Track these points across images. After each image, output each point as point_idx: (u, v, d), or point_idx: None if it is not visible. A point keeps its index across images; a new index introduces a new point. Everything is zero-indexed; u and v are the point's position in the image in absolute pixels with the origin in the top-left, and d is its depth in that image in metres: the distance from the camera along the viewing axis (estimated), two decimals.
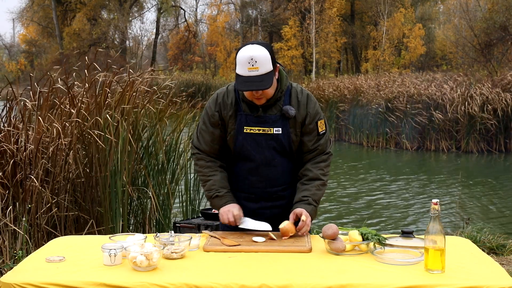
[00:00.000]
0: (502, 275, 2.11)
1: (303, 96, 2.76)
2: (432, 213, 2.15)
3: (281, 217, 2.73)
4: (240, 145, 2.75)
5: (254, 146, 2.73)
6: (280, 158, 2.75)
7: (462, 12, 23.89)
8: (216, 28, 40.64)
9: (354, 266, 2.22)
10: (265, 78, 2.57)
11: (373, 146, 16.09)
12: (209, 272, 2.19)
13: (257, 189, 2.79)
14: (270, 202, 2.81)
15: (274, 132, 2.72)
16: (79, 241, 2.71)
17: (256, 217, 2.76)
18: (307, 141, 2.77)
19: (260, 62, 2.55)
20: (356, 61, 36.26)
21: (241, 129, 2.73)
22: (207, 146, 2.81)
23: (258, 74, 2.55)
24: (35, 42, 41.88)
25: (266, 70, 2.57)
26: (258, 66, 2.55)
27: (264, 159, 2.74)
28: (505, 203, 9.16)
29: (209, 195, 2.80)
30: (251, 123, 2.72)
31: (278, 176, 2.78)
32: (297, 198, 2.74)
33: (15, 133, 4.48)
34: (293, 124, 2.73)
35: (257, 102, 2.68)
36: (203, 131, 2.82)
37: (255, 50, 2.56)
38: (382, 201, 9.41)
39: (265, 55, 2.57)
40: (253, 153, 2.74)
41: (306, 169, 2.78)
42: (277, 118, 2.71)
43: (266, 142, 2.73)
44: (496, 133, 14.21)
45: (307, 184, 2.75)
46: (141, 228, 5.15)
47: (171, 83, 6.08)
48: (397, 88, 16.17)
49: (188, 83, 25.96)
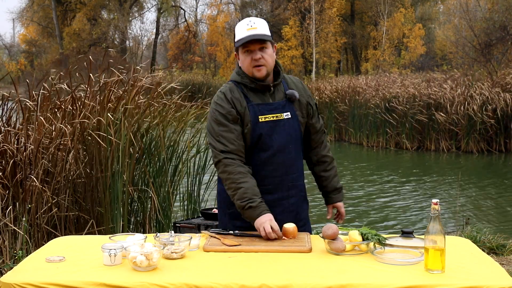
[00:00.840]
0: (502, 275, 2.11)
1: (298, 81, 2.94)
2: (432, 213, 2.15)
3: (298, 206, 2.83)
4: (258, 135, 2.75)
5: (271, 133, 2.77)
6: (293, 144, 2.82)
7: (462, 12, 23.87)
8: (216, 28, 40.63)
9: (354, 266, 2.22)
10: (264, 36, 2.70)
11: (373, 146, 16.08)
12: (209, 272, 2.19)
13: (273, 178, 2.79)
14: (286, 191, 2.82)
15: (284, 117, 2.79)
16: (79, 241, 2.71)
17: (274, 209, 2.69)
18: (315, 122, 2.94)
19: (258, 24, 2.71)
20: (356, 61, 36.25)
21: (256, 119, 2.75)
22: (233, 145, 2.69)
23: (257, 32, 2.69)
24: (35, 42, 41.88)
25: (264, 31, 2.71)
26: (257, 27, 2.69)
27: (280, 145, 2.78)
28: (505, 203, 9.16)
29: (242, 205, 2.64)
30: (264, 111, 2.77)
31: (291, 163, 2.83)
32: (332, 187, 2.99)
33: (15, 133, 4.48)
34: (299, 107, 2.84)
35: (257, 73, 2.73)
36: (224, 132, 2.70)
37: (254, 18, 2.73)
38: (382, 201, 9.41)
39: (264, 22, 2.73)
40: (269, 140, 2.77)
41: (322, 156, 2.99)
42: (284, 103, 2.81)
43: (280, 128, 2.78)
44: (496, 133, 14.21)
45: (330, 170, 3.00)
46: (141, 228, 5.15)
47: (176, 84, 6.07)
48: (397, 88, 16.17)
49: (188, 83, 25.98)
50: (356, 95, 17.02)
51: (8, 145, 4.33)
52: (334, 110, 17.63)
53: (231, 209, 2.80)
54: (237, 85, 2.79)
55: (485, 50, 19.38)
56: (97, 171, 4.64)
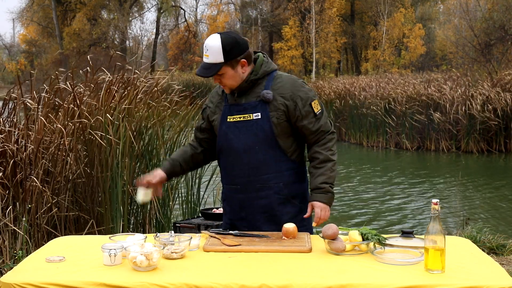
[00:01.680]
0: (502, 275, 2.11)
1: (289, 80, 2.81)
2: (432, 213, 2.15)
3: (270, 208, 2.79)
4: (223, 134, 2.82)
5: (236, 133, 2.79)
6: (261, 145, 2.76)
7: (462, 12, 23.88)
8: (216, 28, 40.59)
9: (354, 266, 2.22)
10: (212, 66, 2.71)
11: (373, 146, 16.08)
12: (209, 272, 2.19)
13: (241, 179, 2.81)
14: (255, 192, 2.80)
15: (253, 117, 2.76)
16: (79, 241, 2.71)
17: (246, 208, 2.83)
18: (307, 124, 2.79)
19: (211, 51, 2.68)
20: (356, 61, 36.25)
21: (224, 118, 2.82)
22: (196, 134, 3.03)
23: (207, 61, 2.72)
24: (35, 42, 41.86)
25: (215, 60, 2.69)
26: (209, 54, 2.70)
27: (244, 145, 2.77)
28: (505, 203, 9.16)
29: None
30: (233, 112, 2.81)
31: (259, 165, 2.78)
32: (314, 185, 2.78)
33: (15, 133, 4.48)
34: (274, 108, 2.75)
35: (225, 89, 2.83)
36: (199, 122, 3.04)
37: (211, 39, 2.69)
38: (381, 201, 9.41)
39: (217, 46, 2.67)
40: (235, 141, 2.79)
41: (315, 152, 2.81)
42: (256, 104, 2.77)
43: (246, 129, 2.77)
44: (496, 133, 14.21)
45: (320, 168, 2.78)
46: (141, 228, 5.15)
47: (174, 83, 6.08)
48: (397, 88, 16.17)
49: (188, 83, 25.98)
50: (356, 95, 17.02)
51: (9, 145, 4.32)
52: (333, 110, 17.62)
53: (222, 204, 3.01)
54: None
55: (485, 50, 19.38)
56: (97, 171, 4.64)
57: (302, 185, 2.90)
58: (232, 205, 2.90)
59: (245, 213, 2.83)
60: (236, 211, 2.88)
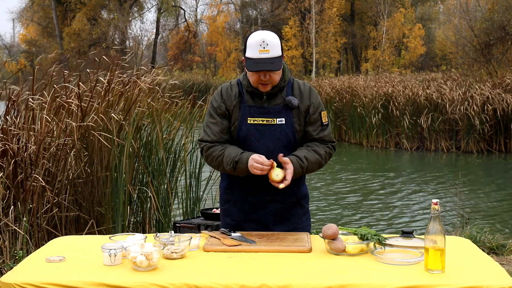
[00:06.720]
0: (502, 275, 2.11)
1: (306, 88, 2.84)
2: (432, 213, 2.15)
3: (283, 211, 2.80)
4: (244, 136, 2.77)
5: (258, 137, 2.76)
6: (283, 150, 2.75)
7: (462, 12, 23.86)
8: (216, 28, 40.61)
9: (354, 266, 2.23)
10: (276, 60, 2.65)
11: (373, 146, 16.08)
12: (209, 272, 2.19)
13: (259, 181, 2.76)
14: (270, 196, 2.80)
15: (277, 122, 2.76)
16: (79, 241, 2.71)
17: (258, 210, 2.81)
18: (312, 130, 2.81)
19: (271, 45, 2.64)
20: (356, 61, 36.24)
21: (244, 119, 2.76)
22: (215, 136, 2.78)
23: (269, 56, 2.64)
24: (35, 42, 41.85)
25: (276, 54, 2.65)
26: (269, 49, 2.64)
27: (267, 150, 2.74)
28: (505, 203, 9.16)
29: (231, 168, 2.71)
30: (255, 114, 2.76)
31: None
32: (300, 154, 2.74)
33: (16, 133, 4.48)
34: (297, 114, 2.78)
35: (262, 89, 2.73)
36: (211, 124, 2.81)
37: (267, 34, 2.66)
38: (381, 200, 9.41)
39: (276, 39, 2.68)
40: (256, 144, 2.76)
41: (313, 144, 2.81)
42: (280, 109, 2.77)
43: (270, 133, 2.76)
44: (496, 133, 14.21)
45: (308, 151, 2.76)
46: (141, 228, 5.15)
47: (173, 81, 6.09)
48: (397, 88, 16.16)
49: (188, 83, 25.97)
50: (356, 95, 17.02)
51: (10, 144, 4.32)
52: (333, 110, 17.61)
53: (224, 205, 2.93)
54: (239, 84, 2.83)
55: (485, 50, 19.36)
56: (97, 171, 4.64)
57: (306, 186, 2.98)
58: (241, 207, 2.86)
59: (256, 215, 2.83)
60: (246, 213, 2.85)
